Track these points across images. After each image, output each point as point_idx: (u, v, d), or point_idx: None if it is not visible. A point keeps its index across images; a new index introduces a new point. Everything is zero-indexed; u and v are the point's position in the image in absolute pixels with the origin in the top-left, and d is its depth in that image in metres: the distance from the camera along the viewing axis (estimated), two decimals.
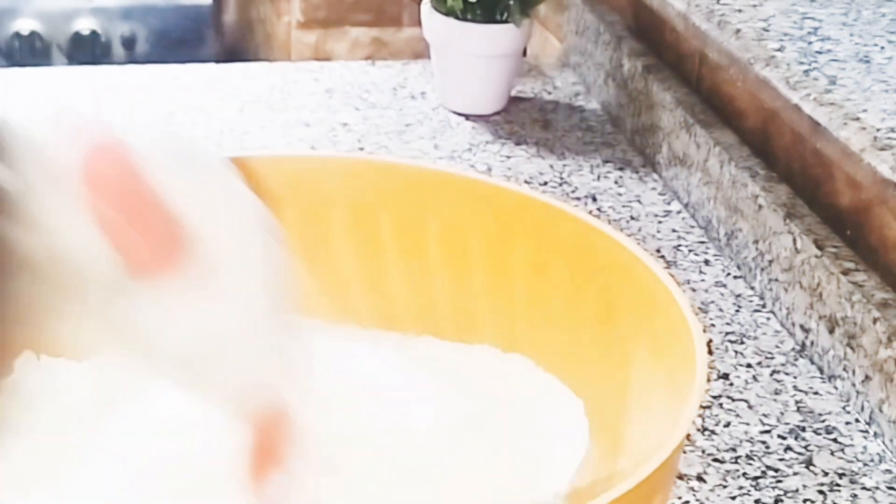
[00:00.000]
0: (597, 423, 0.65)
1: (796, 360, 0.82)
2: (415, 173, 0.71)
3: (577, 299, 0.67)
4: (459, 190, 0.70)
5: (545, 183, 1.05)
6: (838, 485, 0.70)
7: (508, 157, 1.09)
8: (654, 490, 0.49)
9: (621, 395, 0.63)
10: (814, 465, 0.72)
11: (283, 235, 0.51)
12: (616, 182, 1.06)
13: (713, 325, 0.85)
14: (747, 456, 0.72)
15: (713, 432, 0.74)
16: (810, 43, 0.85)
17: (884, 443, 0.73)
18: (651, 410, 0.59)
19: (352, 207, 0.71)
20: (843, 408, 0.77)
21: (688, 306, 0.58)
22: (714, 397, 0.78)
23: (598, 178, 1.06)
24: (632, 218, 1.00)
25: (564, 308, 0.68)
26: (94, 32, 1.99)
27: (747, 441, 0.74)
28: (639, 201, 1.03)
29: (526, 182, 1.04)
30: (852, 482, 0.70)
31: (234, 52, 2.17)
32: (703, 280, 0.91)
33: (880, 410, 0.74)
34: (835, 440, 0.74)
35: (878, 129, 0.72)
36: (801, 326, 0.83)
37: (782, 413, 0.76)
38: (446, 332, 0.71)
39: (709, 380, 0.79)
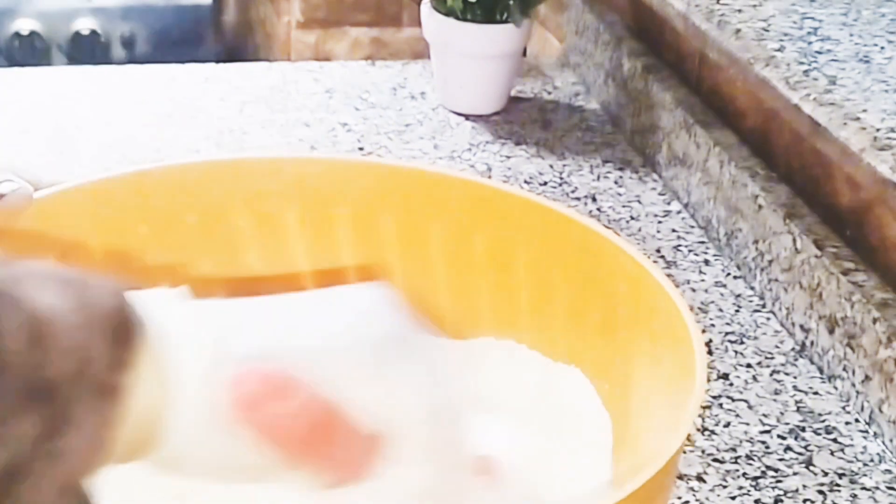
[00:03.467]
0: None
1: (796, 360, 0.82)
2: (417, 176, 0.71)
3: (579, 304, 0.67)
4: (462, 194, 0.70)
5: (545, 183, 1.05)
6: (838, 485, 0.70)
7: (508, 157, 1.09)
8: (653, 495, 0.49)
9: (622, 400, 0.63)
10: (814, 465, 0.72)
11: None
12: (616, 182, 1.06)
13: (713, 325, 0.85)
14: (747, 456, 0.72)
15: (713, 432, 0.74)
16: (810, 43, 0.85)
17: (884, 443, 0.73)
18: (651, 415, 0.59)
19: (355, 210, 0.71)
20: (843, 408, 0.77)
21: (688, 311, 0.58)
22: (714, 397, 0.78)
23: (598, 178, 1.06)
24: (632, 218, 1.00)
25: (566, 313, 0.67)
26: (94, 32, 1.99)
27: (747, 441, 0.74)
28: (639, 201, 1.03)
29: (526, 182, 1.04)
30: (852, 482, 0.70)
31: (234, 52, 2.17)
32: (703, 280, 0.91)
33: (880, 410, 0.74)
34: (835, 440, 0.74)
35: (877, 129, 0.72)
36: (801, 326, 0.83)
37: (782, 413, 0.76)
38: (448, 334, 0.71)
39: (709, 380, 0.79)
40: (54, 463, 0.37)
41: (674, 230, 0.98)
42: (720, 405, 0.77)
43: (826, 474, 0.71)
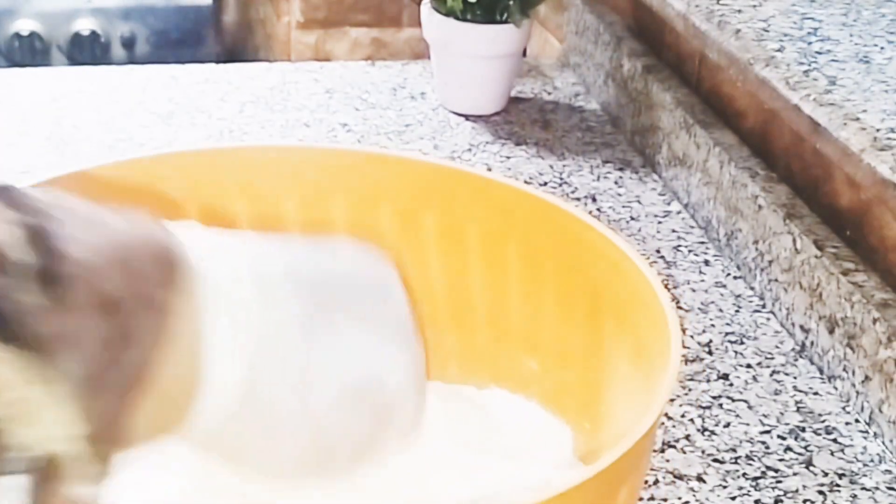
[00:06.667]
0: (578, 412, 0.65)
1: (796, 360, 0.82)
2: (401, 164, 0.71)
3: (565, 292, 0.67)
4: (450, 182, 0.70)
5: (545, 183, 1.05)
6: (838, 485, 0.70)
7: (508, 158, 1.09)
8: (623, 474, 0.49)
9: (601, 383, 0.64)
10: (814, 466, 0.72)
11: None
12: (616, 182, 1.06)
13: (713, 325, 0.85)
14: (747, 456, 0.72)
15: (713, 433, 0.74)
16: (810, 43, 0.85)
17: (884, 443, 0.73)
18: (628, 400, 0.59)
19: (351, 199, 0.71)
20: (843, 408, 0.77)
21: (662, 290, 0.58)
22: (714, 397, 0.78)
23: (598, 178, 1.06)
24: (632, 218, 1.00)
25: (553, 300, 0.68)
26: (94, 33, 1.99)
27: (747, 441, 0.74)
28: (639, 201, 1.03)
29: (526, 182, 1.04)
30: (852, 482, 0.70)
31: (234, 52, 2.17)
32: (703, 280, 0.91)
33: (880, 411, 0.74)
34: (835, 440, 0.74)
35: (877, 130, 0.72)
36: (801, 327, 0.83)
37: (782, 413, 0.76)
38: (443, 322, 0.71)
39: (709, 380, 0.79)
40: (120, 372, 0.39)
41: (674, 230, 0.98)
42: (720, 405, 0.77)
43: (826, 474, 0.71)
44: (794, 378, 0.80)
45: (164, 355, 0.41)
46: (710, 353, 0.82)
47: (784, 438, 0.74)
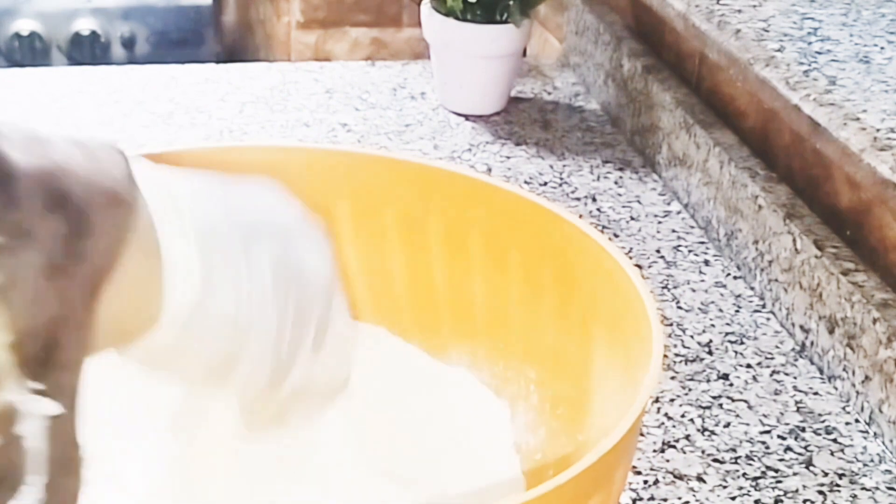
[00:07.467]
0: (573, 423, 0.65)
1: (796, 360, 0.82)
2: (407, 167, 0.71)
3: (563, 302, 0.67)
4: (454, 187, 0.70)
5: (545, 183, 1.05)
6: (838, 485, 0.70)
7: (508, 158, 1.09)
8: (610, 470, 0.49)
9: (593, 396, 0.63)
10: (814, 466, 0.72)
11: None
12: (616, 182, 1.06)
13: (713, 325, 0.85)
14: (747, 456, 0.72)
15: (713, 433, 0.74)
16: (810, 43, 0.85)
17: (884, 443, 0.73)
18: (609, 393, 0.59)
19: (355, 201, 0.71)
20: (843, 408, 0.77)
21: (644, 287, 0.58)
22: (714, 397, 0.78)
23: (598, 178, 1.06)
24: (632, 218, 1.00)
25: (551, 310, 0.67)
26: (93, 33, 1.99)
27: (747, 441, 0.74)
28: (639, 202, 1.03)
29: (526, 182, 1.04)
30: (852, 482, 0.70)
31: (234, 52, 2.17)
32: (703, 280, 0.91)
33: (880, 411, 0.74)
34: (835, 440, 0.74)
35: (877, 130, 0.72)
36: (801, 327, 0.83)
37: (782, 413, 0.76)
38: (444, 331, 0.71)
39: (708, 380, 0.79)
40: (83, 263, 0.40)
41: (674, 230, 0.98)
42: (720, 405, 0.77)
43: (826, 475, 0.71)
44: (794, 378, 0.80)
45: (127, 248, 0.42)
46: (710, 353, 0.82)
47: (784, 438, 0.74)
